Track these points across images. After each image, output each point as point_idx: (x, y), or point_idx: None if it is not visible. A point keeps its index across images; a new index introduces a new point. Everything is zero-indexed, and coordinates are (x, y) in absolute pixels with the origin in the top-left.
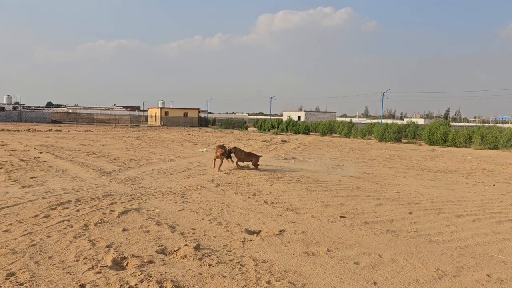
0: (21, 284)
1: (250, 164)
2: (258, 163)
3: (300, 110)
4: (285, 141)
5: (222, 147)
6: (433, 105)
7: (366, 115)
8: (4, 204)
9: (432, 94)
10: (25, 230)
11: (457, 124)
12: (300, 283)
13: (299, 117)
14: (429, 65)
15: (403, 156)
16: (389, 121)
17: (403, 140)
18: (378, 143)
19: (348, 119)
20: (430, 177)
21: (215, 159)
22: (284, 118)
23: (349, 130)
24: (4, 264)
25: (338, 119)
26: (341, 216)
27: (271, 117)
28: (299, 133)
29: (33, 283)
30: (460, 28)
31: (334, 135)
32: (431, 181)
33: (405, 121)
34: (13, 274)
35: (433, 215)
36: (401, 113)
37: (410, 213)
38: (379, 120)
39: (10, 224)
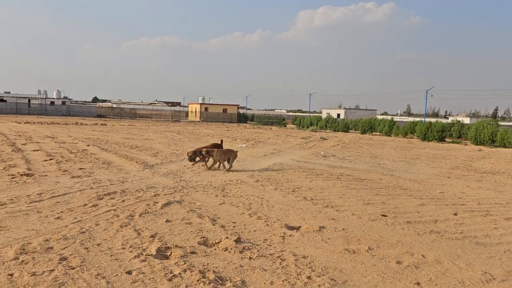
0: (73, 268)
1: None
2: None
3: (340, 107)
4: (324, 139)
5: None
6: (480, 103)
7: (408, 113)
8: (56, 193)
9: (479, 92)
10: (75, 218)
11: (506, 123)
12: (341, 279)
13: (338, 115)
14: (476, 61)
15: (447, 156)
16: (433, 120)
17: (447, 140)
18: (420, 142)
19: (389, 117)
20: (477, 178)
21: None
22: (323, 115)
23: (390, 128)
24: (57, 249)
25: (379, 117)
26: (382, 215)
27: (310, 114)
28: (338, 131)
29: (83, 267)
30: (510, 21)
31: (374, 133)
32: (477, 182)
33: (450, 119)
34: (65, 258)
35: (480, 217)
36: (446, 112)
37: (455, 214)
38: (422, 119)
39: (62, 212)
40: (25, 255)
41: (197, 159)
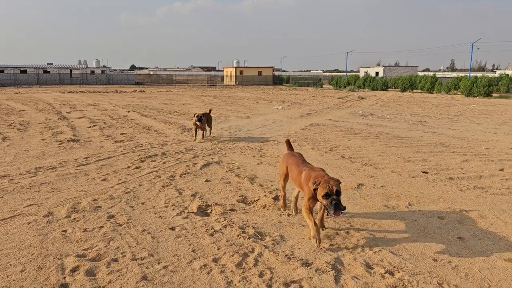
0: (120, 225)
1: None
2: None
3: (378, 65)
4: (362, 98)
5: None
6: None
7: (452, 69)
8: (101, 156)
9: None
10: (120, 180)
11: None
12: (380, 235)
13: (377, 73)
14: None
15: (494, 112)
16: (479, 74)
17: (494, 95)
18: (464, 98)
19: (431, 74)
20: None
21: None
22: (361, 74)
23: (432, 85)
24: (105, 207)
25: (420, 73)
26: (423, 172)
27: (347, 73)
28: (377, 90)
29: (130, 224)
30: None
31: (415, 90)
32: None
33: (498, 73)
34: (113, 216)
35: None
36: (493, 65)
37: (501, 170)
38: (467, 74)
39: (107, 174)
40: (76, 214)
41: (194, 126)
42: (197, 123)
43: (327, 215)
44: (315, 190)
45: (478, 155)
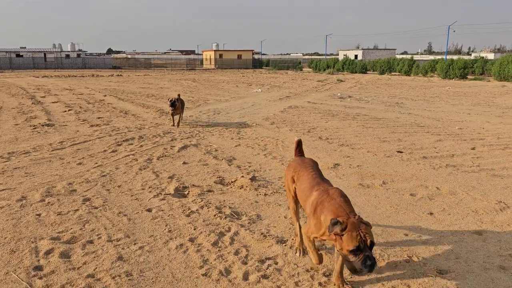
0: (96, 208)
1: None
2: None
3: (357, 48)
4: (341, 81)
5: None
6: (507, 38)
7: (429, 52)
8: (76, 141)
9: (506, 25)
10: (96, 163)
11: None
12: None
13: (356, 56)
14: None
15: (469, 93)
16: (455, 57)
17: (469, 77)
18: (441, 81)
19: (409, 56)
20: (498, 113)
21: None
22: (340, 57)
23: (410, 67)
24: (80, 191)
25: (398, 56)
26: (398, 151)
27: (327, 56)
28: (355, 72)
29: (106, 207)
30: None
31: (393, 73)
32: (498, 117)
33: (473, 56)
34: (88, 199)
35: (499, 151)
36: (469, 48)
37: (473, 149)
38: (444, 57)
39: (83, 158)
40: (51, 197)
41: (170, 111)
42: (170, 108)
43: (351, 272)
44: (335, 234)
45: (452, 135)
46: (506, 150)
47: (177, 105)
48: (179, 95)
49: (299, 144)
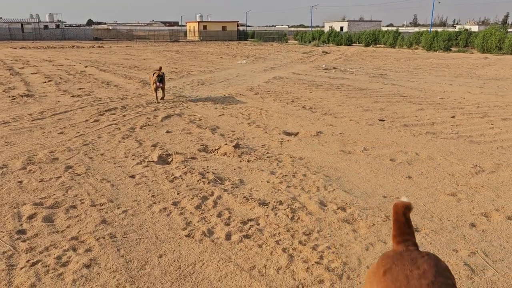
0: (78, 175)
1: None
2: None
3: (343, 20)
4: (326, 53)
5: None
6: (491, 10)
7: (415, 24)
8: (57, 111)
9: None
10: (78, 132)
11: None
12: (335, 176)
13: (341, 28)
14: None
15: (452, 65)
16: (439, 29)
17: (453, 49)
18: (425, 53)
19: (394, 29)
20: (479, 84)
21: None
22: (326, 29)
23: (395, 39)
24: (62, 159)
25: (384, 28)
26: (380, 120)
27: (312, 28)
28: (341, 44)
29: (88, 174)
30: None
31: (378, 45)
32: (479, 88)
33: (458, 28)
34: (70, 167)
35: (477, 119)
36: (454, 21)
37: (453, 117)
38: (428, 29)
39: (64, 127)
40: (32, 165)
41: (157, 85)
42: (157, 83)
43: None
44: None
45: (433, 104)
46: (485, 118)
47: (164, 80)
48: (160, 67)
49: (405, 211)
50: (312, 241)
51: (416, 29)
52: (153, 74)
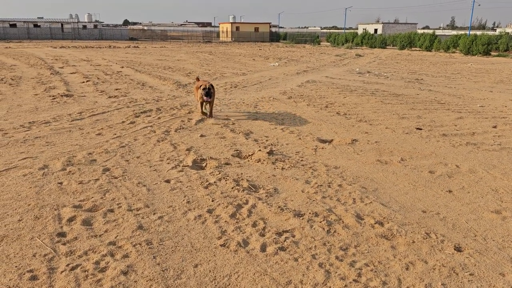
0: (116, 178)
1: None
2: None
3: (377, 22)
4: (360, 55)
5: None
6: None
7: (452, 27)
8: (95, 111)
9: None
10: (115, 134)
11: None
12: (372, 187)
13: (375, 30)
14: None
15: (492, 70)
16: (478, 32)
17: (493, 53)
18: (463, 57)
19: (430, 31)
20: None
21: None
22: (359, 31)
23: (431, 42)
24: (100, 161)
25: (419, 31)
26: (417, 128)
27: (345, 30)
28: (375, 47)
29: (125, 177)
30: None
31: (414, 48)
32: None
33: (498, 31)
34: (108, 169)
35: None
36: (494, 23)
37: (495, 127)
38: (467, 32)
39: (102, 128)
40: (72, 167)
41: (199, 99)
42: (204, 97)
43: None
44: None
45: (473, 113)
46: None
47: (212, 93)
48: (198, 78)
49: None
50: (350, 257)
51: (454, 32)
52: (200, 86)
